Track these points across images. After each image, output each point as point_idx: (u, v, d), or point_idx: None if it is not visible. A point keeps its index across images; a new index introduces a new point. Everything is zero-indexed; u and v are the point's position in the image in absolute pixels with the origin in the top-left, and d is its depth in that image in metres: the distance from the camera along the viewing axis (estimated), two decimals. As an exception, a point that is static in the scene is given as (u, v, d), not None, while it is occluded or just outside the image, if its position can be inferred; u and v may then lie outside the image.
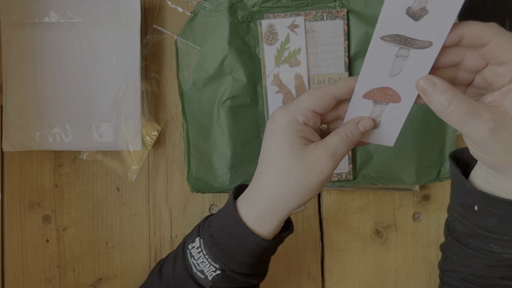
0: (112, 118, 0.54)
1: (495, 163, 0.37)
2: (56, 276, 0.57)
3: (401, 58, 0.36)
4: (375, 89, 0.38)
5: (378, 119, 0.40)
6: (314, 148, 0.39)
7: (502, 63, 0.34)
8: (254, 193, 0.42)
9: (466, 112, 0.34)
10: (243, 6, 0.54)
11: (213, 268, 0.43)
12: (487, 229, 0.40)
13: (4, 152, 0.57)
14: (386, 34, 0.35)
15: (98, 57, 0.54)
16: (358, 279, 0.57)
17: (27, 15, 0.54)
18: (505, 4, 0.57)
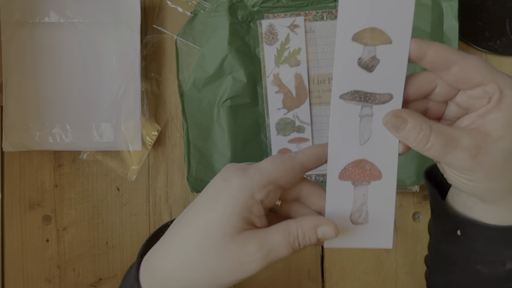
0: (112, 118, 0.54)
1: (480, 192, 0.34)
2: (56, 276, 0.57)
3: (367, 119, 0.32)
4: (349, 164, 0.33)
5: (364, 208, 0.34)
6: (248, 237, 0.31)
7: (476, 85, 0.31)
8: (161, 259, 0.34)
9: (445, 144, 0.31)
10: (243, 6, 0.54)
11: None
12: (473, 252, 0.38)
13: (4, 152, 0.57)
14: (344, 92, 0.32)
15: (98, 57, 0.54)
16: (358, 279, 0.57)
17: (27, 15, 0.54)
18: (505, 4, 0.57)
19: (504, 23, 0.57)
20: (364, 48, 0.31)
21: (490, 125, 0.31)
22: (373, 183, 0.34)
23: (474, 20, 0.57)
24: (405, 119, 0.32)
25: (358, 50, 0.31)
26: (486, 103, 0.31)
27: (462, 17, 0.54)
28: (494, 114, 0.31)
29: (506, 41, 0.57)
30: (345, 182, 0.34)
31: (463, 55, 0.31)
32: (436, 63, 0.31)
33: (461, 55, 0.31)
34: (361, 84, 0.32)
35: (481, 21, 0.57)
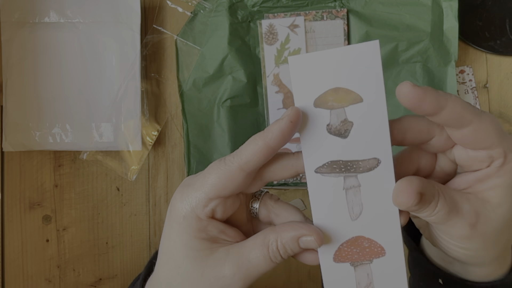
0: (112, 118, 0.54)
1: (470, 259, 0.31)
2: (56, 276, 0.57)
3: (354, 190, 0.27)
4: (344, 244, 0.28)
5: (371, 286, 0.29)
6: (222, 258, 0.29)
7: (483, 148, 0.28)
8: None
9: (449, 211, 0.28)
10: (243, 6, 0.54)
11: None
12: None
13: (4, 152, 0.57)
14: (319, 165, 0.27)
15: (98, 57, 0.54)
16: (358, 279, 0.57)
17: (27, 15, 0.54)
18: (505, 4, 0.57)
19: (504, 23, 0.57)
20: (331, 112, 0.27)
21: (490, 192, 0.28)
22: (376, 261, 0.29)
23: (474, 20, 0.57)
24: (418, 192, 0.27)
25: (324, 117, 0.27)
26: (486, 166, 0.28)
27: (462, 17, 0.54)
28: (495, 180, 0.28)
29: (506, 41, 0.57)
30: (342, 265, 0.29)
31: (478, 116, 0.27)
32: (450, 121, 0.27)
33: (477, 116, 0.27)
34: (338, 153, 0.27)
35: (481, 21, 0.57)
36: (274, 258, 0.28)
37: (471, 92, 0.57)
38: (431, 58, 0.53)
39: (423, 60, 0.53)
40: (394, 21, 0.53)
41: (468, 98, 0.57)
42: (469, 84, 0.57)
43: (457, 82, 0.56)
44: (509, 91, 0.57)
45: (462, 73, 0.57)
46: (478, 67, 0.57)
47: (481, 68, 0.57)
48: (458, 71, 0.57)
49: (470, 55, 0.57)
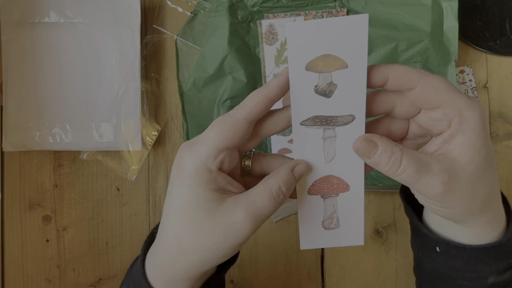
0: (112, 118, 0.54)
1: (453, 216, 0.34)
2: (56, 276, 0.57)
3: (330, 140, 0.33)
4: (317, 181, 0.34)
5: (335, 216, 0.35)
6: (232, 206, 0.31)
7: (436, 106, 0.31)
8: (159, 255, 0.35)
9: (417, 169, 0.31)
10: (243, 6, 0.54)
11: None
12: (453, 268, 0.38)
13: (4, 152, 0.57)
14: (304, 118, 0.32)
15: (98, 57, 0.54)
16: (358, 279, 0.57)
17: (27, 15, 0.54)
18: (505, 4, 0.57)
19: (504, 23, 0.57)
20: (319, 75, 0.31)
21: (457, 150, 0.31)
22: (341, 194, 0.35)
23: (474, 20, 0.57)
24: (376, 143, 0.32)
25: (313, 79, 0.31)
26: (447, 126, 0.31)
27: (462, 17, 0.54)
28: (459, 138, 0.31)
29: (506, 41, 0.57)
30: (314, 197, 0.35)
31: (424, 76, 0.31)
32: (399, 86, 0.31)
33: (423, 76, 0.31)
34: (321, 109, 0.32)
35: (481, 21, 0.57)
36: (277, 197, 0.32)
37: (471, 92, 0.57)
38: (431, 58, 0.53)
39: (423, 60, 0.53)
40: (394, 21, 0.53)
41: (468, 98, 0.57)
42: (469, 84, 0.57)
43: (457, 82, 0.56)
44: (509, 91, 0.57)
45: (462, 73, 0.57)
46: (478, 67, 0.57)
47: (481, 68, 0.57)
48: (458, 71, 0.57)
49: (470, 55, 0.57)
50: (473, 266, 0.37)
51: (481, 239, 0.36)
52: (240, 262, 0.57)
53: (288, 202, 0.57)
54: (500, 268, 0.37)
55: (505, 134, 0.57)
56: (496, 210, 0.36)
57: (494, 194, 0.35)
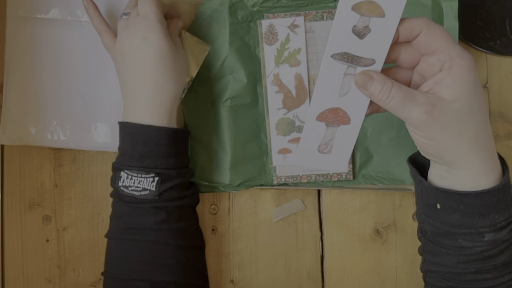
0: (111, 119, 0.54)
1: (441, 152, 0.38)
2: (56, 276, 0.57)
3: (349, 77, 0.39)
4: (327, 110, 0.40)
5: (330, 143, 0.41)
6: None
7: (432, 52, 0.37)
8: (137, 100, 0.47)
9: (403, 97, 0.36)
10: (243, 6, 0.54)
11: (150, 179, 0.46)
12: (453, 225, 0.41)
13: (5, 152, 0.57)
14: (335, 52, 0.38)
15: (101, 57, 0.54)
16: (358, 279, 0.57)
17: (34, 10, 0.53)
18: (505, 4, 0.57)
19: (504, 23, 0.57)
20: (360, 17, 0.36)
21: (444, 91, 0.36)
22: (342, 126, 0.41)
23: (474, 20, 0.57)
24: (372, 76, 0.37)
25: (354, 19, 0.36)
26: (439, 70, 0.37)
27: (462, 17, 0.54)
28: (447, 81, 0.36)
29: (506, 41, 0.57)
30: (320, 123, 0.41)
31: (427, 24, 0.36)
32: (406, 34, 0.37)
33: (426, 24, 0.36)
34: (351, 48, 0.37)
35: (481, 21, 0.57)
36: None
37: (471, 92, 0.57)
38: (431, 58, 0.53)
39: (423, 60, 0.53)
40: (394, 21, 0.53)
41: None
42: (469, 84, 0.57)
43: (457, 82, 0.56)
44: (509, 91, 0.57)
45: (462, 73, 0.57)
46: (478, 67, 0.57)
47: (481, 68, 0.57)
48: (458, 71, 0.57)
49: (470, 55, 0.57)
50: (469, 219, 0.40)
51: (475, 186, 0.39)
52: (240, 262, 0.57)
53: (288, 202, 0.57)
54: (496, 223, 0.39)
55: (505, 134, 0.57)
56: (488, 154, 0.39)
57: (482, 135, 0.38)
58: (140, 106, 0.47)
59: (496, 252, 0.40)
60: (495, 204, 0.39)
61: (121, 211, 0.48)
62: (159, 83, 0.46)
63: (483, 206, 0.39)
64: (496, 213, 0.39)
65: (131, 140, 0.47)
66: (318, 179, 0.55)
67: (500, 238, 0.40)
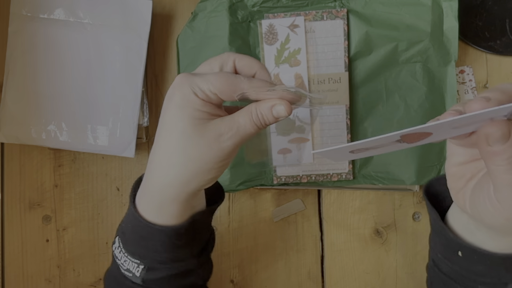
0: (109, 122, 0.54)
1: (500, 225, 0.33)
2: (56, 276, 0.57)
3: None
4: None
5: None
6: (218, 123, 0.35)
7: None
8: (148, 177, 0.38)
9: None
10: (243, 6, 0.54)
11: (135, 264, 0.40)
12: (474, 273, 0.38)
13: (5, 152, 0.57)
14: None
15: (102, 60, 0.54)
16: (358, 279, 0.57)
17: (37, 9, 0.53)
18: (505, 4, 0.57)
19: (504, 23, 0.57)
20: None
21: None
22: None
23: (474, 20, 0.57)
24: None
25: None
26: None
27: (462, 17, 0.54)
28: None
29: (506, 41, 0.57)
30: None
31: None
32: None
33: None
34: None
35: (481, 21, 0.57)
36: (256, 121, 0.35)
37: (471, 92, 0.57)
38: (431, 58, 0.53)
39: (423, 60, 0.53)
40: (394, 21, 0.53)
41: (468, 98, 0.57)
42: (469, 84, 0.57)
43: (457, 82, 0.56)
44: (509, 91, 0.57)
45: (462, 73, 0.57)
46: (478, 67, 0.57)
47: (481, 68, 0.57)
48: (458, 71, 0.57)
49: (470, 55, 0.57)
50: (494, 272, 0.37)
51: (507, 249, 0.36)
52: (240, 262, 0.57)
53: (288, 202, 0.57)
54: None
55: None
56: None
57: None
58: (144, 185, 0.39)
59: None
60: None
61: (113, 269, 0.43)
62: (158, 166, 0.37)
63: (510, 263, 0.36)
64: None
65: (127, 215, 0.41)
66: (318, 179, 0.55)
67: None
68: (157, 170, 0.37)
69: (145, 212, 0.38)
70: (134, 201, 0.40)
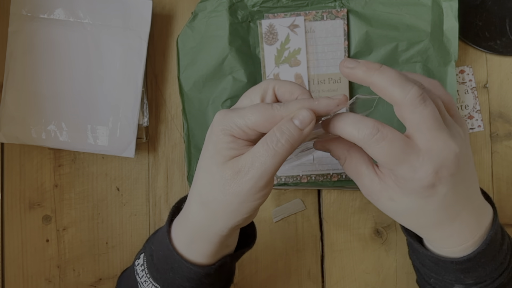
0: (109, 122, 0.54)
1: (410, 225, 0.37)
2: (56, 276, 0.57)
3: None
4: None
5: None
6: (236, 161, 0.33)
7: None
8: (185, 211, 0.38)
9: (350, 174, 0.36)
10: (243, 6, 0.54)
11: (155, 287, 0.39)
12: (424, 266, 0.40)
13: (5, 152, 0.57)
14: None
15: (102, 60, 0.54)
16: (358, 279, 0.57)
17: (37, 9, 0.53)
18: (505, 4, 0.57)
19: (504, 23, 0.57)
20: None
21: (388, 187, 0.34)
22: None
23: (474, 20, 0.57)
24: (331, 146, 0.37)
25: None
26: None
27: (462, 17, 0.54)
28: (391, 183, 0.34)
29: (506, 41, 0.57)
30: None
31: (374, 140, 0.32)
32: None
33: None
34: None
35: (481, 21, 0.57)
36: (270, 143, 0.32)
37: (471, 92, 0.57)
38: (431, 58, 0.53)
39: (423, 60, 0.53)
40: (394, 21, 0.53)
41: (468, 98, 0.57)
42: (469, 84, 0.57)
43: (457, 82, 0.56)
44: (509, 91, 0.57)
45: (462, 73, 0.57)
46: (478, 67, 0.57)
47: (481, 68, 0.57)
48: (458, 71, 0.57)
49: (470, 55, 0.57)
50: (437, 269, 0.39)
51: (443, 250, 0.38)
52: (240, 262, 0.57)
53: (288, 202, 0.57)
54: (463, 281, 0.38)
55: (505, 134, 0.57)
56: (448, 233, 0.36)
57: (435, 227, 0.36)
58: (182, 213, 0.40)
59: None
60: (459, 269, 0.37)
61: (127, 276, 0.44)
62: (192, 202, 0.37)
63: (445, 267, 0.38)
64: (461, 274, 0.38)
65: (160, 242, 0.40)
66: (318, 179, 0.55)
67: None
68: (192, 205, 0.37)
69: (177, 241, 0.38)
70: (170, 225, 0.40)
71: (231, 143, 0.34)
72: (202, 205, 0.35)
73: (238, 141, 0.34)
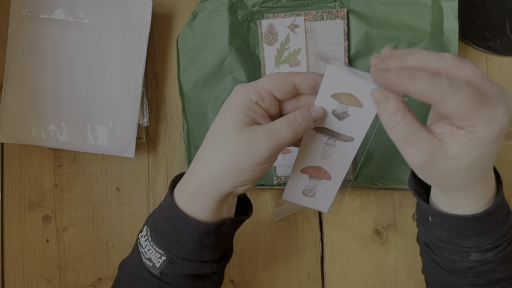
0: (109, 122, 0.54)
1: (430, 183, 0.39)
2: (56, 276, 0.57)
3: (330, 146, 0.42)
4: (310, 167, 0.44)
5: (314, 190, 0.45)
6: (256, 128, 0.38)
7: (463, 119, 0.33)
8: (190, 169, 0.41)
9: (405, 137, 0.35)
10: (243, 6, 0.54)
11: (158, 254, 0.41)
12: (440, 239, 0.42)
13: (5, 152, 0.57)
14: (317, 126, 0.41)
15: (102, 60, 0.54)
16: (358, 279, 0.57)
17: (37, 9, 0.53)
18: (505, 4, 0.57)
19: (504, 23, 0.57)
20: (339, 104, 0.39)
21: (454, 145, 0.34)
22: (323, 181, 0.45)
23: (474, 20, 0.57)
24: (389, 99, 0.35)
25: (334, 104, 0.39)
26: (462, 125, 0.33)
27: (462, 17, 0.54)
28: (462, 139, 0.33)
29: (506, 41, 0.57)
30: (303, 175, 0.44)
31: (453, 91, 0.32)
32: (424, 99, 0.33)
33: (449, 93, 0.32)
34: (331, 125, 0.41)
35: (481, 21, 0.57)
36: (293, 123, 0.38)
37: (471, 92, 0.57)
38: (431, 58, 0.53)
39: (423, 60, 0.53)
40: (394, 21, 0.53)
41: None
42: (469, 84, 0.57)
43: (457, 82, 0.56)
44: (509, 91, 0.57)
45: (462, 73, 0.57)
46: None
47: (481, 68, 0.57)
48: (458, 71, 0.57)
49: (470, 55, 0.57)
50: (455, 238, 0.40)
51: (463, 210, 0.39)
52: (240, 262, 0.57)
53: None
54: (480, 246, 0.39)
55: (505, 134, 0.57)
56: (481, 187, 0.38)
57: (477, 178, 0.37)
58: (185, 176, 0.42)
59: (486, 270, 0.40)
60: (479, 228, 0.39)
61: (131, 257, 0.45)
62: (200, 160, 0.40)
63: (466, 228, 0.39)
64: (480, 237, 0.39)
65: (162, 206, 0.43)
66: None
67: (486, 259, 0.40)
68: (198, 164, 0.40)
69: (180, 200, 0.41)
70: (172, 192, 0.42)
71: (248, 110, 0.38)
72: (213, 161, 0.39)
73: (255, 108, 0.38)
